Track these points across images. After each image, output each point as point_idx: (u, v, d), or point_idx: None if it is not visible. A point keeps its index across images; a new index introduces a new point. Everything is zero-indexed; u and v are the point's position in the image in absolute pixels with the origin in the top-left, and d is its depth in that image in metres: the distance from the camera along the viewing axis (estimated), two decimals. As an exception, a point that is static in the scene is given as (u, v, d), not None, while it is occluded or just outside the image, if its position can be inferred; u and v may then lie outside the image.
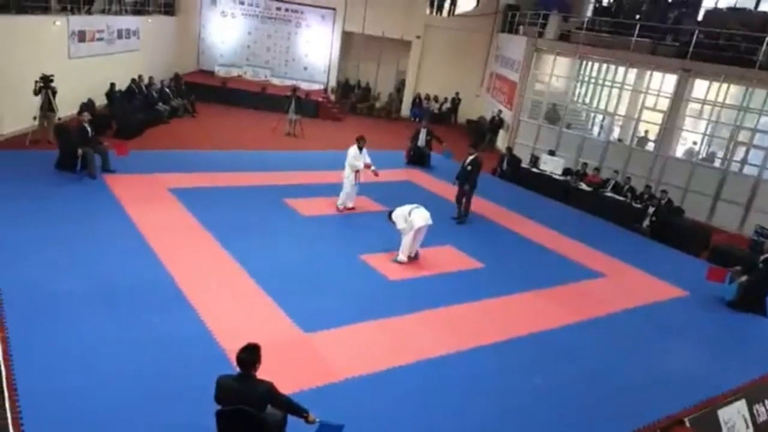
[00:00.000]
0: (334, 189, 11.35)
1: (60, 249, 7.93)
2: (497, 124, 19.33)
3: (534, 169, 15.46)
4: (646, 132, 16.97)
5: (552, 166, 15.24)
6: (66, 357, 5.76)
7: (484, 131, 19.79)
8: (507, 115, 18.87)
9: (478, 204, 12.35)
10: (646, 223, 12.69)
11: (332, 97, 22.17)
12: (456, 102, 23.12)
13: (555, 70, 17.80)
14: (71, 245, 8.09)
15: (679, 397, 6.67)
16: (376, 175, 11.15)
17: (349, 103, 22.88)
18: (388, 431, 5.46)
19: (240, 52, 22.52)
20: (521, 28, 19.61)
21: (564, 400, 6.39)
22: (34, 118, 12.46)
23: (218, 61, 22.34)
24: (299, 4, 21.87)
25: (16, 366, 5.45)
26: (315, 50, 22.51)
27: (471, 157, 11.52)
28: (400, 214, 9.24)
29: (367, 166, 11.08)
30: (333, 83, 22.86)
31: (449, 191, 12.24)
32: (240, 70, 22.16)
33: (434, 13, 23.59)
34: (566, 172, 15.28)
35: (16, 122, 12.90)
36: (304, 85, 21.16)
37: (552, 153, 15.95)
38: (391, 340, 7.01)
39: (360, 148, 10.97)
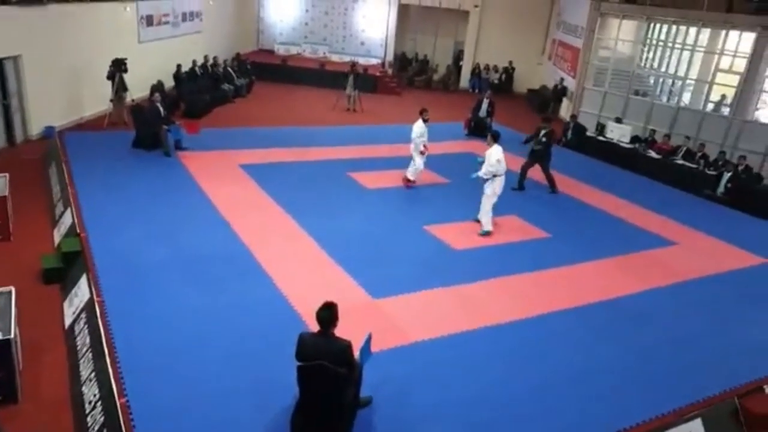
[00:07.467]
0: (396, 162, 11.43)
1: (143, 222, 8.43)
2: (560, 92, 18.85)
3: (600, 138, 15.03)
4: (723, 96, 16.11)
5: (619, 134, 14.79)
6: (157, 320, 6.16)
7: (547, 100, 19.34)
8: (570, 83, 18.33)
9: (542, 174, 12.15)
10: (720, 190, 12.17)
11: (390, 72, 22.12)
12: (510, 71, 22.54)
13: (620, 34, 17.10)
14: (153, 218, 8.59)
15: (762, 365, 6.47)
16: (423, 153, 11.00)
17: (407, 76, 22.77)
18: (453, 389, 5.56)
19: (298, 30, 22.78)
20: (584, -9, 18.87)
21: (643, 366, 6.30)
22: (111, 100, 13.14)
23: (277, 40, 22.70)
24: (356, -22, 21.82)
25: (113, 328, 5.88)
26: (372, 25, 22.45)
27: (545, 131, 11.47)
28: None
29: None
30: (390, 57, 22.78)
31: (512, 161, 12.06)
32: (299, 48, 22.44)
33: (493, -19, 23.01)
34: (634, 139, 14.77)
35: (95, 105, 13.61)
36: (362, 61, 21.18)
37: (619, 120, 15.44)
38: (458, 307, 7.10)
39: (425, 121, 10.90)
